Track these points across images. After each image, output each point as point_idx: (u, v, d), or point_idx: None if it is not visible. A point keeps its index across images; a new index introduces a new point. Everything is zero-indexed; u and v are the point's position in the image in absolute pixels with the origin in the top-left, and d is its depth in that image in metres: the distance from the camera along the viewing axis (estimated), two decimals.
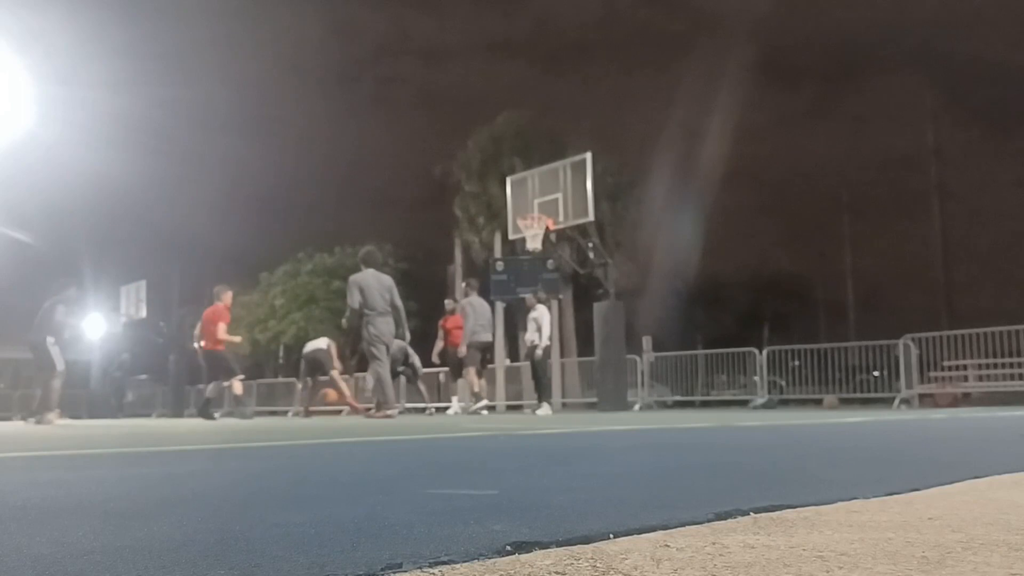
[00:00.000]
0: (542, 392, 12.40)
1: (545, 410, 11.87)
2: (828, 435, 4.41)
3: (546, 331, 12.19)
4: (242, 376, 12.22)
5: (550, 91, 51.37)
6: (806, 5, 54.31)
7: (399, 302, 10.14)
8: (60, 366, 10.93)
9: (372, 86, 55.27)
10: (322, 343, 14.62)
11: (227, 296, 12.28)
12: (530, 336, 12.30)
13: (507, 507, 1.50)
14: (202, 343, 12.07)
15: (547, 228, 13.66)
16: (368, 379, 10.77)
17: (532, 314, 12.25)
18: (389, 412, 9.70)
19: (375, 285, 9.95)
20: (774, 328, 32.50)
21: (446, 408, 14.02)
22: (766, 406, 14.04)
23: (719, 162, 31.52)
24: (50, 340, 10.95)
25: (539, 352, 12.16)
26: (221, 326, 11.83)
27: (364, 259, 10.34)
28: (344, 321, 10.31)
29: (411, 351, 13.96)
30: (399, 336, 10.40)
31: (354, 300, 9.86)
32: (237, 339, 12.76)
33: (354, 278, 10.07)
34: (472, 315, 12.56)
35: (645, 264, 26.34)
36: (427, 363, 15.03)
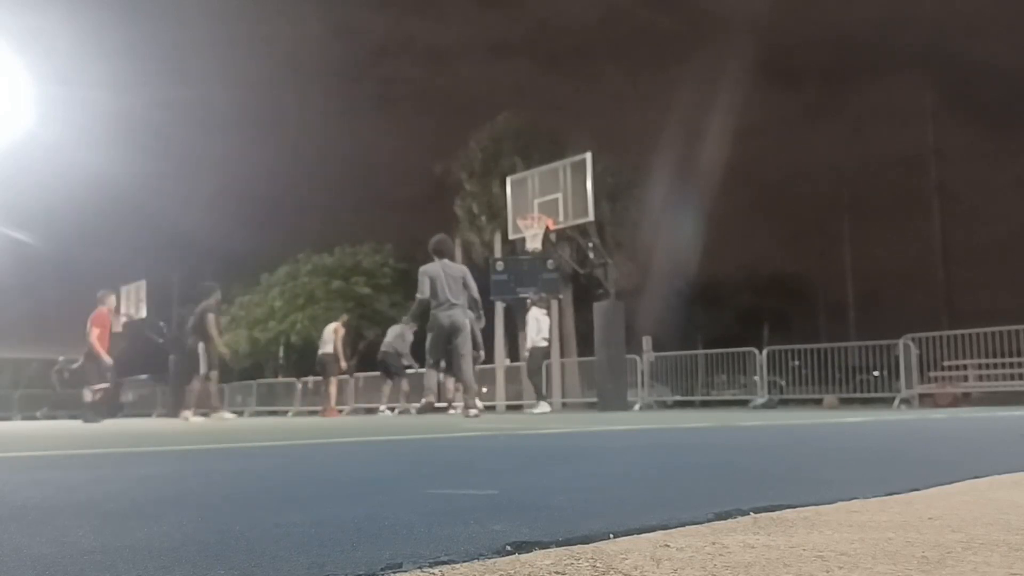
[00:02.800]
0: (538, 391, 12.59)
1: (541, 408, 11.97)
2: (828, 435, 4.41)
3: (530, 333, 12.52)
4: (106, 385, 12.49)
5: (551, 91, 51.42)
6: (806, 5, 54.31)
7: (476, 294, 9.54)
8: (203, 370, 11.55)
9: (373, 86, 55.35)
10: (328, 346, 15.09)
11: (110, 300, 12.53)
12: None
13: (507, 507, 1.50)
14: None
15: (547, 228, 13.67)
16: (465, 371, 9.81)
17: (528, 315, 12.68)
18: (471, 410, 9.23)
19: (444, 275, 9.24)
20: (774, 328, 32.47)
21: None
22: (766, 406, 14.04)
23: (719, 162, 31.49)
24: (201, 346, 11.52)
25: (525, 353, 12.54)
26: (95, 331, 12.04)
27: (436, 249, 9.48)
28: (407, 317, 10.16)
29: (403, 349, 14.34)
30: (474, 320, 9.75)
31: (424, 291, 9.19)
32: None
33: (424, 268, 9.36)
34: None
35: (645, 264, 26.34)
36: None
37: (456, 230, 25.59)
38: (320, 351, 15.27)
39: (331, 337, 15.09)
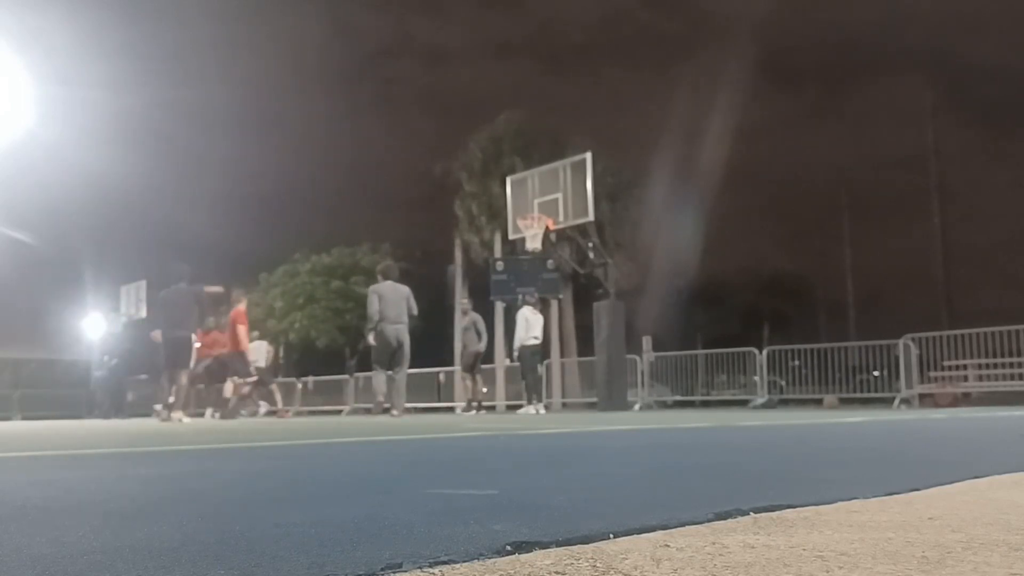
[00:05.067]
0: (527, 392, 12.68)
1: (526, 410, 12.06)
2: (828, 435, 4.41)
3: (518, 332, 12.76)
4: (253, 379, 12.96)
5: (551, 91, 51.32)
6: (806, 6, 54.27)
7: (415, 311, 10.87)
8: (192, 364, 10.92)
9: (373, 86, 55.27)
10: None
11: (244, 300, 12.73)
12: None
13: (507, 507, 1.50)
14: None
15: (547, 228, 13.68)
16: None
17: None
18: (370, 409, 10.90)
19: (392, 296, 10.66)
20: (774, 328, 32.44)
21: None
22: (766, 406, 14.04)
23: (719, 162, 31.45)
24: (194, 337, 10.84)
25: (515, 352, 12.89)
26: (242, 329, 12.13)
27: (383, 272, 11.02)
28: (368, 333, 10.89)
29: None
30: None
31: (374, 309, 10.56)
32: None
33: (374, 288, 10.83)
34: (474, 332, 13.45)
35: (645, 264, 26.32)
36: (430, 363, 15.47)
37: (456, 230, 25.58)
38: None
39: (264, 355, 15.55)
